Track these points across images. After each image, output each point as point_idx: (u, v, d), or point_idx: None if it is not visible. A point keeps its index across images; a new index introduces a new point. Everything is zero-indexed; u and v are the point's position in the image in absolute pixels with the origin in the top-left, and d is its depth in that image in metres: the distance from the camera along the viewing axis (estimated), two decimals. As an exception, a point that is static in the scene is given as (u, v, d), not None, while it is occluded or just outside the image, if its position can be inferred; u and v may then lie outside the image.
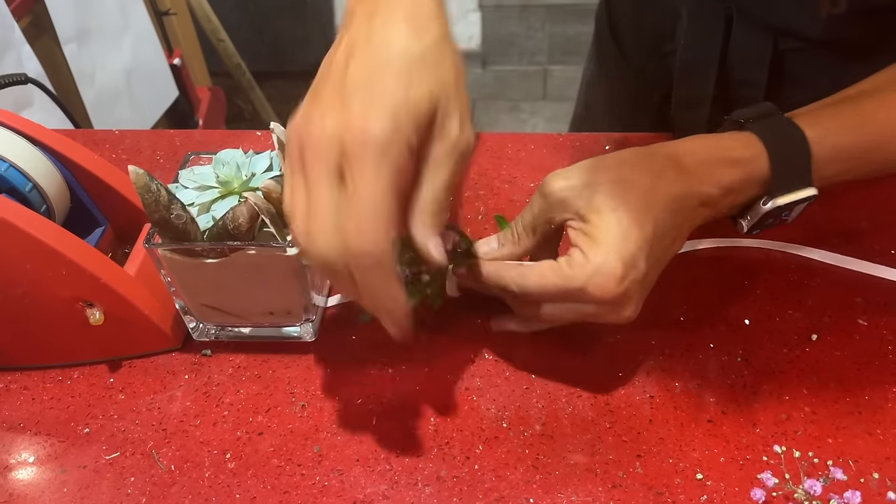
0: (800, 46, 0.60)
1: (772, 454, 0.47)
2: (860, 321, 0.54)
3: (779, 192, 0.48)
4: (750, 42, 0.62)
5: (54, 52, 1.27)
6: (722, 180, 0.47)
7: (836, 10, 0.55)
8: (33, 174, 0.51)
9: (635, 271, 0.44)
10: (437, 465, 0.47)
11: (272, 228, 0.48)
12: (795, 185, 0.49)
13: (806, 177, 0.49)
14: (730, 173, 0.48)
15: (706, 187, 0.47)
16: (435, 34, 0.40)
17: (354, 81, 0.39)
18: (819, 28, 0.58)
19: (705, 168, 0.47)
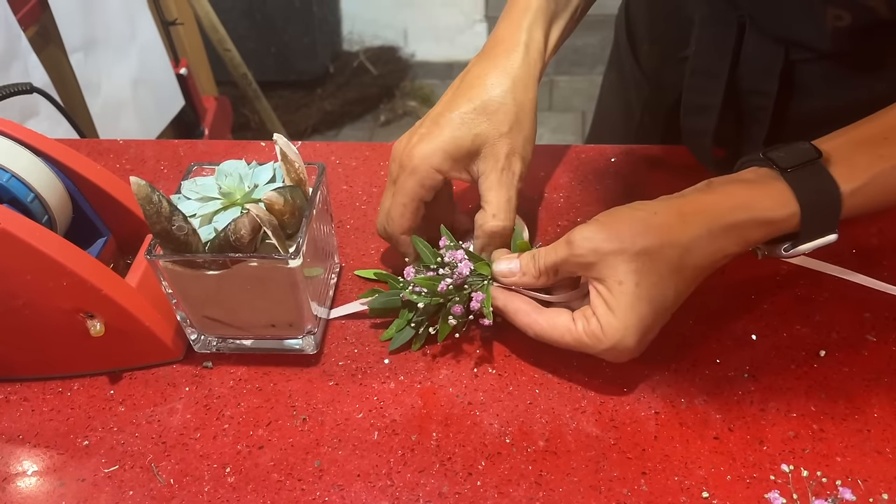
0: (810, 57, 0.60)
1: (779, 473, 0.46)
2: (869, 337, 0.54)
3: (802, 241, 0.48)
4: (761, 51, 0.62)
5: (61, 61, 1.27)
6: (750, 239, 0.47)
7: (840, 24, 0.55)
8: (35, 185, 0.51)
9: (650, 336, 0.48)
10: (439, 481, 0.47)
11: (274, 240, 0.47)
12: (820, 234, 0.48)
13: (832, 227, 0.48)
14: (760, 233, 0.47)
15: (733, 248, 0.47)
16: (506, 86, 0.54)
17: (429, 117, 0.55)
18: (826, 40, 0.57)
19: (737, 232, 0.47)
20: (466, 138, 0.53)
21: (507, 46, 0.55)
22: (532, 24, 0.56)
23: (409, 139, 0.54)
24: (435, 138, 0.53)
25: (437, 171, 0.53)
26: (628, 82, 0.82)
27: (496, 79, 0.54)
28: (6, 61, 1.09)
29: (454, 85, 0.56)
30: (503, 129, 0.53)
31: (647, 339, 0.48)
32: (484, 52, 0.57)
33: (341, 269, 0.61)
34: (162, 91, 1.56)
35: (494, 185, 0.53)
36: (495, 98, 0.53)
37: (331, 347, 0.55)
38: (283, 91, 2.44)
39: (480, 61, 0.56)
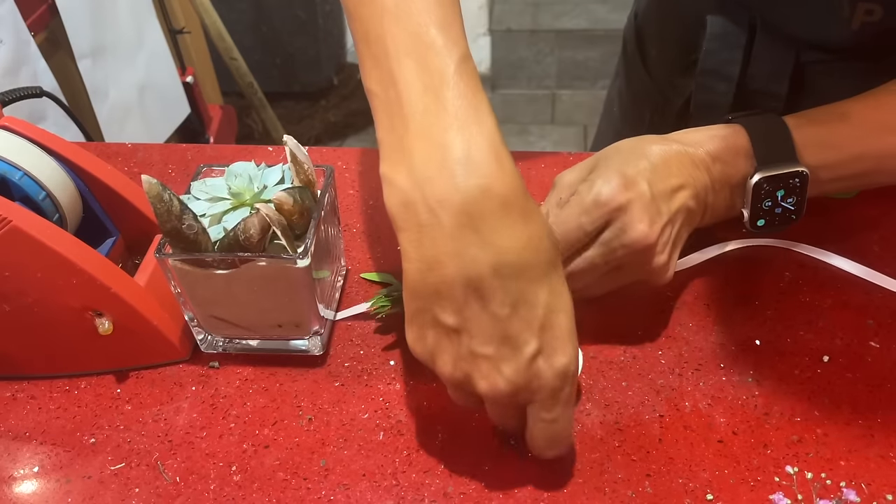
0: (821, 59, 0.61)
1: (784, 475, 0.46)
2: (872, 343, 0.54)
3: (764, 165, 0.52)
4: (772, 53, 0.62)
5: (69, 67, 1.28)
6: (707, 147, 0.53)
7: (871, 19, 0.56)
8: (47, 183, 0.52)
9: (637, 186, 0.49)
10: (444, 481, 0.47)
11: (283, 240, 0.48)
12: (780, 160, 0.52)
13: (789, 152, 0.53)
14: (713, 142, 0.53)
15: (694, 150, 0.53)
16: (531, 218, 0.39)
17: (507, 321, 0.39)
18: (849, 37, 0.58)
19: (689, 139, 0.53)
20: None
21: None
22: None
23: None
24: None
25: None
26: (637, 91, 0.82)
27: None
28: (16, 66, 1.10)
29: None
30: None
31: (636, 189, 0.49)
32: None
33: (347, 272, 0.62)
34: (168, 98, 1.57)
35: None
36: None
37: (337, 349, 0.56)
38: (288, 102, 2.45)
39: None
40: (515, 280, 0.38)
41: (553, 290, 0.39)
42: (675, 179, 0.51)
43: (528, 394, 0.41)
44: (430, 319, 0.40)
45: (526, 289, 0.38)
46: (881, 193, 0.64)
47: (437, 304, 0.39)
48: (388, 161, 0.40)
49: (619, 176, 0.49)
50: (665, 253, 0.50)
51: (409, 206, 0.38)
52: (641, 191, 0.49)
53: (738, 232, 0.59)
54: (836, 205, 0.64)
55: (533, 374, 0.40)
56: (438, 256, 0.38)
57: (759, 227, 0.55)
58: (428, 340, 0.41)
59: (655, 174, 0.50)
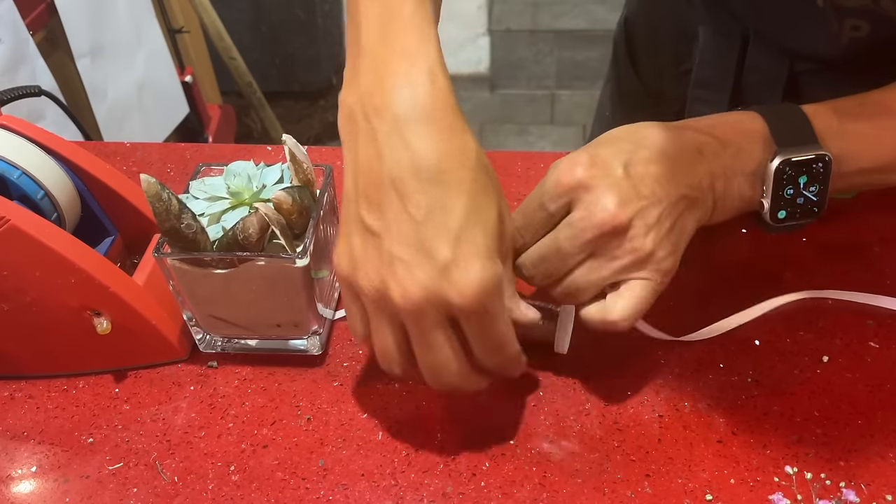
0: (815, 68, 0.61)
1: (783, 475, 0.46)
2: (872, 344, 0.54)
3: (785, 148, 0.49)
4: (765, 63, 0.62)
5: (68, 66, 1.28)
6: (714, 132, 0.49)
7: (858, 34, 0.56)
8: (45, 182, 0.52)
9: (605, 166, 0.45)
10: (443, 481, 0.47)
11: (282, 240, 0.48)
12: (802, 143, 0.49)
13: (810, 137, 0.49)
14: (722, 127, 0.49)
15: (697, 138, 0.49)
16: (458, 134, 0.41)
17: (423, 224, 0.40)
18: (838, 51, 0.58)
19: (694, 126, 0.50)
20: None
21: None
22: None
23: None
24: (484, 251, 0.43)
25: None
26: (627, 96, 0.82)
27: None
28: (14, 65, 1.10)
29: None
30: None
31: (602, 166, 0.45)
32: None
33: (346, 271, 0.62)
34: (167, 98, 1.57)
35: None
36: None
37: (335, 348, 0.55)
38: (287, 101, 2.45)
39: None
40: (433, 185, 0.40)
41: (475, 204, 0.40)
42: (667, 165, 0.46)
43: (445, 306, 0.40)
44: (358, 225, 0.42)
45: (443, 195, 0.40)
46: (881, 194, 0.64)
47: (365, 207, 0.41)
48: (344, 87, 0.44)
49: (588, 155, 0.46)
50: (649, 238, 0.45)
51: (351, 117, 0.42)
52: (610, 170, 0.45)
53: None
54: (835, 205, 0.64)
55: (447, 283, 0.39)
56: (369, 160, 0.41)
57: (781, 219, 0.51)
58: (355, 249, 0.42)
59: (639, 157, 0.46)
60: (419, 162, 0.40)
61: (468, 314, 0.41)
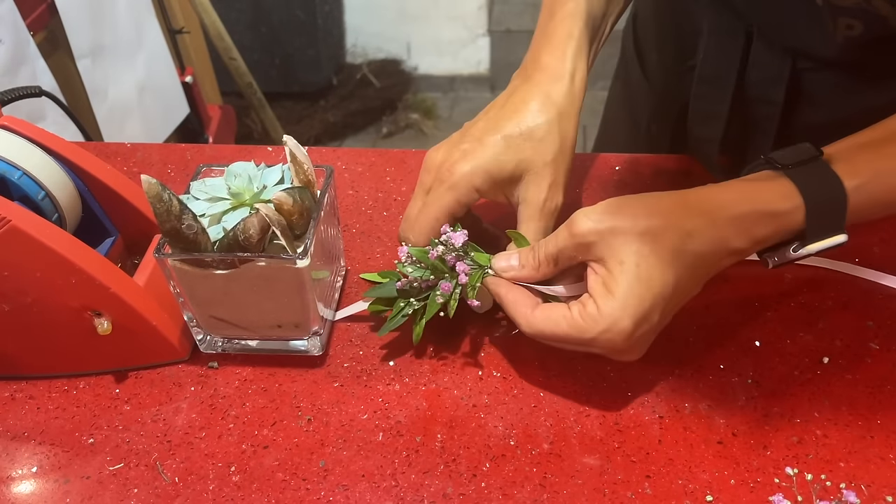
0: (818, 66, 0.60)
1: (784, 476, 0.46)
2: (872, 345, 0.54)
3: (810, 240, 0.48)
4: (768, 60, 0.62)
5: (68, 66, 1.28)
6: (755, 235, 0.47)
7: (851, 34, 0.56)
8: (46, 183, 0.52)
9: (647, 325, 0.45)
10: (444, 482, 0.47)
11: (283, 241, 0.48)
12: (828, 234, 0.48)
13: (839, 225, 0.48)
14: (764, 227, 0.47)
15: (738, 242, 0.47)
16: (552, 115, 0.53)
17: (472, 134, 0.54)
18: (835, 50, 0.58)
19: (740, 223, 0.47)
20: (510, 162, 0.52)
21: (551, 74, 0.54)
22: (576, 53, 0.55)
23: (450, 153, 0.53)
24: (478, 157, 0.52)
25: (476, 190, 0.52)
26: (635, 93, 0.82)
27: (542, 106, 0.53)
28: (15, 66, 1.10)
29: (497, 104, 0.55)
30: (548, 157, 0.52)
31: (644, 331, 0.46)
32: (527, 75, 0.55)
33: (347, 272, 0.62)
34: (167, 98, 1.57)
35: (535, 216, 0.53)
36: (541, 126, 0.52)
37: (336, 349, 0.55)
38: (287, 102, 2.45)
39: (524, 85, 0.55)
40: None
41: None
42: (695, 287, 0.48)
43: None
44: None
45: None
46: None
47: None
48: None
49: (633, 322, 0.45)
50: (643, 350, 0.49)
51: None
52: (646, 328, 0.46)
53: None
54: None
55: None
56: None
57: (777, 267, 0.52)
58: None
59: (674, 297, 0.46)
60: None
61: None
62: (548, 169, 0.52)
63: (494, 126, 0.53)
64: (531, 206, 0.53)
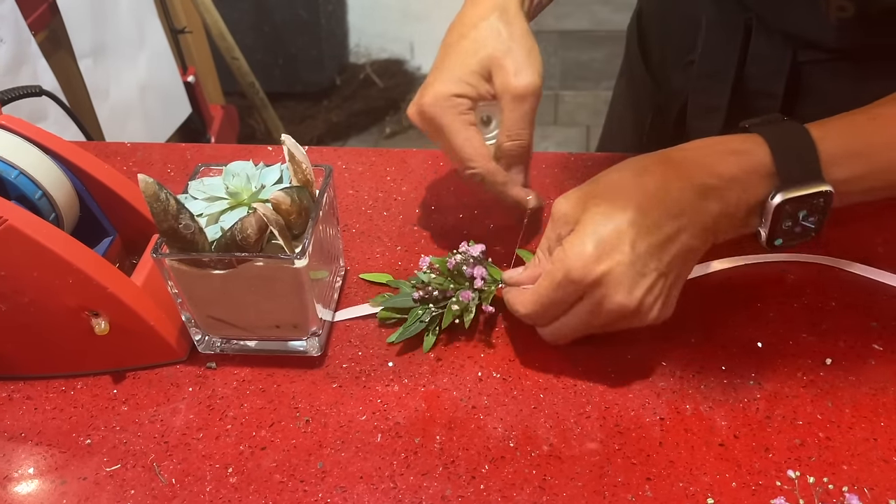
0: (818, 58, 0.60)
1: (785, 479, 0.46)
2: (875, 346, 0.53)
3: (786, 185, 0.48)
4: (768, 53, 0.62)
5: (70, 66, 1.28)
6: (719, 169, 0.48)
7: (844, 15, 0.55)
8: (43, 182, 0.51)
9: (616, 253, 0.46)
10: (443, 484, 0.47)
11: (280, 240, 0.48)
12: (805, 179, 0.48)
13: (814, 171, 0.48)
14: (727, 162, 0.48)
15: (701, 177, 0.48)
16: (495, 17, 0.55)
17: (440, 55, 0.57)
18: (831, 35, 0.57)
19: (698, 159, 0.49)
20: (472, 63, 0.55)
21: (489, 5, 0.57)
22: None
23: (420, 95, 0.56)
24: (441, 76, 0.55)
25: (456, 96, 0.55)
26: (638, 88, 0.82)
27: (484, 18, 0.56)
28: (16, 65, 1.10)
29: (444, 42, 0.58)
30: (502, 47, 0.55)
31: (619, 262, 0.46)
32: (465, 8, 0.59)
33: (346, 272, 0.61)
34: (169, 98, 1.57)
35: (509, 103, 0.54)
36: (487, 27, 0.55)
37: (335, 350, 0.55)
38: (290, 102, 2.45)
39: (467, 12, 0.58)
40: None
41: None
42: (671, 225, 0.47)
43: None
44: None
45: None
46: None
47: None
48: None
49: (595, 243, 0.46)
50: (655, 309, 0.48)
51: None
52: (619, 257, 0.46)
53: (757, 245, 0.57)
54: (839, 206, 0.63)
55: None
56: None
57: (777, 246, 0.51)
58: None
59: (643, 226, 0.47)
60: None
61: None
62: (508, 56, 0.54)
63: (447, 55, 0.57)
64: (503, 95, 0.55)
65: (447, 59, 0.56)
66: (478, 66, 0.55)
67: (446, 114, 0.54)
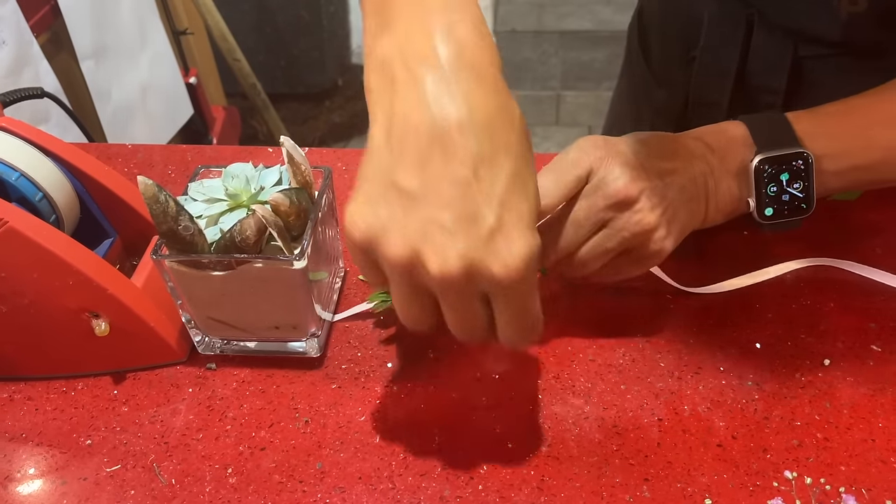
0: (820, 53, 0.60)
1: (783, 480, 0.46)
2: (874, 347, 0.53)
3: (764, 148, 0.52)
4: (770, 48, 0.62)
5: (72, 68, 1.28)
6: (707, 140, 0.53)
7: (855, 9, 0.55)
8: (44, 184, 0.52)
9: (616, 147, 0.50)
10: (441, 484, 0.47)
11: (280, 242, 0.48)
12: (780, 144, 0.52)
13: (790, 138, 0.52)
14: (713, 136, 0.53)
15: (692, 143, 0.52)
16: (504, 93, 0.39)
17: (467, 184, 0.37)
18: (839, 30, 0.58)
19: (686, 132, 0.54)
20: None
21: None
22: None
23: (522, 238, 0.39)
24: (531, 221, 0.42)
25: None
26: (639, 87, 0.82)
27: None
28: (18, 67, 1.10)
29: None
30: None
31: (613, 147, 0.50)
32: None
33: (346, 273, 0.62)
34: (171, 99, 1.57)
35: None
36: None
37: (334, 351, 0.55)
38: (292, 103, 2.45)
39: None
40: (481, 141, 0.36)
41: (519, 169, 0.37)
42: (668, 162, 0.51)
43: (485, 278, 0.37)
44: (386, 183, 0.37)
45: (492, 153, 0.37)
46: (883, 197, 0.63)
47: (400, 164, 0.37)
48: (374, 38, 0.40)
49: (600, 139, 0.50)
50: (654, 214, 0.49)
51: (386, 65, 0.38)
52: (622, 150, 0.50)
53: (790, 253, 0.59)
54: (837, 207, 0.64)
55: (490, 252, 0.36)
56: (409, 111, 0.37)
57: (769, 217, 0.53)
58: (380, 212, 0.37)
59: (644, 149, 0.51)
60: (469, 115, 0.36)
61: (507, 286, 0.37)
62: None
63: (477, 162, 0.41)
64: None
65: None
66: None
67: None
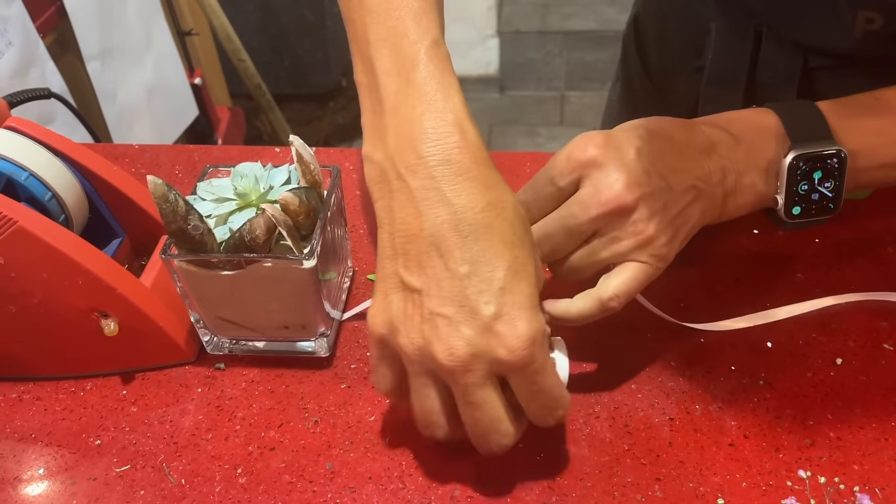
0: (830, 64, 0.60)
1: (796, 479, 0.45)
2: (886, 346, 0.53)
3: (798, 143, 0.49)
4: (779, 59, 0.61)
5: (78, 69, 1.29)
6: (732, 129, 0.49)
7: (872, 27, 0.55)
8: (53, 184, 0.51)
9: (619, 147, 0.46)
10: (451, 485, 0.47)
11: (289, 241, 0.48)
12: (816, 139, 0.49)
13: (824, 131, 0.49)
14: (738, 124, 0.50)
15: (711, 129, 0.49)
16: (493, 186, 0.41)
17: (465, 280, 0.40)
18: (852, 45, 0.57)
19: (706, 119, 0.51)
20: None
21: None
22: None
23: (518, 321, 0.40)
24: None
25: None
26: (637, 95, 0.82)
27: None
28: (24, 68, 1.11)
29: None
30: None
31: (605, 148, 0.46)
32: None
33: (354, 273, 0.61)
34: (176, 100, 1.57)
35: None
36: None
37: (343, 350, 0.55)
38: (296, 104, 2.45)
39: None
40: (473, 239, 0.40)
41: (516, 258, 0.40)
42: (676, 159, 0.47)
43: (494, 363, 0.40)
44: (397, 283, 0.41)
45: (484, 249, 0.40)
46: (894, 194, 0.63)
47: (404, 266, 0.41)
48: (368, 141, 0.44)
49: (602, 135, 0.46)
50: (652, 223, 0.45)
51: (383, 175, 0.42)
52: (623, 152, 0.46)
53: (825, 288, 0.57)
54: (849, 205, 0.63)
55: (493, 338, 0.39)
56: (406, 218, 0.41)
57: (795, 216, 0.51)
58: (392, 306, 0.41)
59: (652, 145, 0.46)
60: (458, 217, 0.40)
61: (517, 368, 0.40)
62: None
63: (482, 250, 0.42)
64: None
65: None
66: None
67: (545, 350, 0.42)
